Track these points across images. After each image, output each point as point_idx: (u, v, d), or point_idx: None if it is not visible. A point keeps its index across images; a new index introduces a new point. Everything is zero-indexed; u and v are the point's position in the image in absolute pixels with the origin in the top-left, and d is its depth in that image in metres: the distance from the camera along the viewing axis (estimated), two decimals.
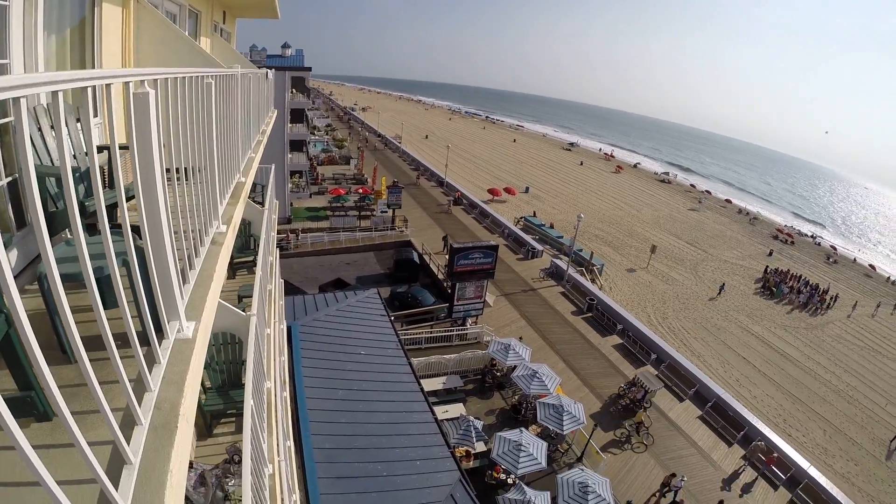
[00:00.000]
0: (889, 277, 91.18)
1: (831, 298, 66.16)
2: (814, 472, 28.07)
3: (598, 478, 20.61)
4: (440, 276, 40.86)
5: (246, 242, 11.94)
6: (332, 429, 13.69)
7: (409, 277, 41.70)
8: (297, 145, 56.09)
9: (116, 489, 1.75)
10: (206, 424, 7.77)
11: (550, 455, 23.70)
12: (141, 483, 1.92)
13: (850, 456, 34.64)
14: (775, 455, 26.07)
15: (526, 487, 19.17)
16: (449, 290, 33.70)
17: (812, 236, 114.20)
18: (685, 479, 23.64)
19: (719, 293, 59.93)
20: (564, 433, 23.50)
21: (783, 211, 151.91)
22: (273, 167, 12.49)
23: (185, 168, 3.39)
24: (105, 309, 1.89)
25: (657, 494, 23.64)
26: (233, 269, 11.60)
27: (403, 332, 30.07)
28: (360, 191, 61.12)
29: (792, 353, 49.15)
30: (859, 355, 53.26)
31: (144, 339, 2.40)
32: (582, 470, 20.84)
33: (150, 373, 2.36)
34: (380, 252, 46.88)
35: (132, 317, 2.15)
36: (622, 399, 30.11)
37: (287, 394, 10.81)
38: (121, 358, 1.93)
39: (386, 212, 54.33)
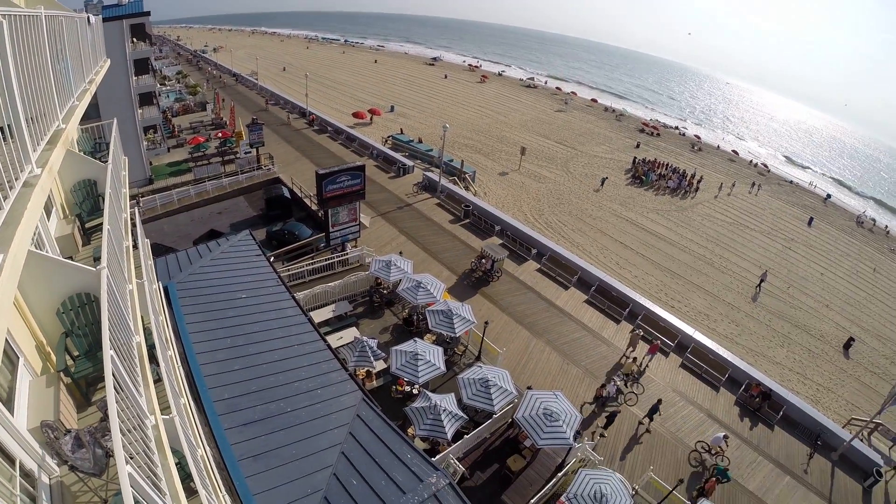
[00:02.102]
0: (751, 160, 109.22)
1: (698, 182, 77.48)
2: (699, 337, 33.50)
3: (498, 371, 22.95)
4: (314, 207, 42.23)
5: (95, 204, 12.05)
6: (227, 378, 14.50)
7: (282, 214, 44.15)
8: (147, 98, 55.74)
9: None
10: (82, 392, 7.92)
11: (449, 359, 26.19)
12: None
13: (731, 319, 41.98)
14: (657, 342, 30.49)
15: (430, 394, 20.91)
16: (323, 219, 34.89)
17: (677, 128, 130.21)
18: (616, 381, 26.84)
19: (602, 185, 68.77)
20: (457, 335, 25.53)
21: (649, 106, 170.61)
22: (115, 121, 12.86)
23: None
24: None
25: (595, 409, 26.61)
26: (86, 234, 11.80)
27: (286, 268, 31.10)
28: (220, 135, 62.89)
29: (666, 234, 57.06)
30: (728, 230, 63.38)
31: None
32: (481, 367, 23.00)
33: None
34: (250, 195, 49.19)
35: None
36: (475, 273, 35.75)
37: (172, 352, 11.40)
38: None
39: (249, 152, 55.23)
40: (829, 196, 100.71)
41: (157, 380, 8.66)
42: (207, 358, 14.83)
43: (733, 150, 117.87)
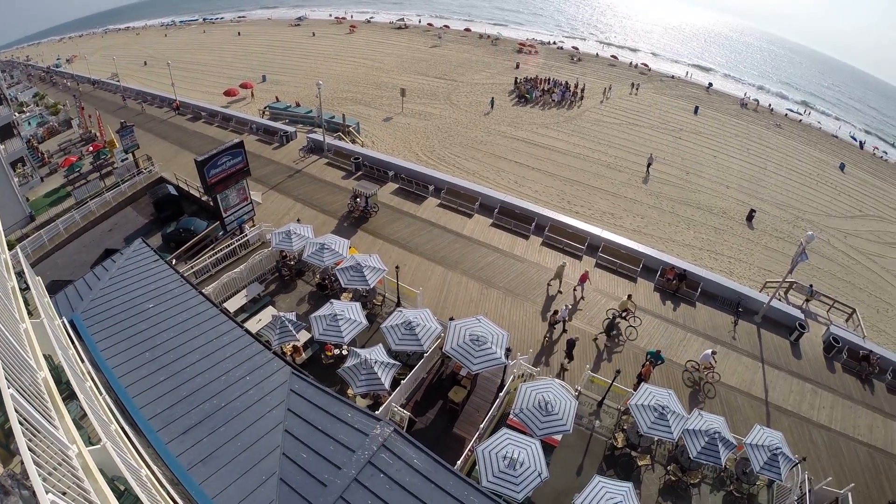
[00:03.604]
0: (630, 62, 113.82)
1: (582, 91, 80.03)
2: (607, 235, 34.95)
3: (419, 311, 23.25)
4: (204, 197, 40.90)
5: None
6: (156, 392, 14.51)
7: (174, 213, 42.97)
8: (6, 131, 53.17)
9: None
10: (2, 445, 7.49)
11: (370, 312, 26.72)
12: None
13: (635, 212, 43.99)
14: (586, 271, 30.51)
15: (358, 350, 21.10)
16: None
17: (553, 42, 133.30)
18: (567, 307, 27.29)
19: (492, 107, 71.05)
20: (372, 286, 25.79)
21: (525, 26, 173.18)
22: None
23: None
24: None
25: (548, 335, 27.24)
26: None
27: (189, 267, 29.98)
28: (92, 149, 60.14)
29: (558, 145, 58.92)
30: (619, 130, 66.04)
31: None
32: (401, 311, 23.21)
33: None
34: (137, 203, 47.03)
35: None
36: (352, 213, 37.25)
37: (91, 383, 11.63)
38: None
39: (126, 159, 52.28)
40: (710, 84, 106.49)
41: (84, 415, 8.93)
42: (131, 378, 14.85)
43: (612, 56, 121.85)
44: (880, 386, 28.18)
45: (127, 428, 11.75)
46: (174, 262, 28.74)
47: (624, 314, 27.73)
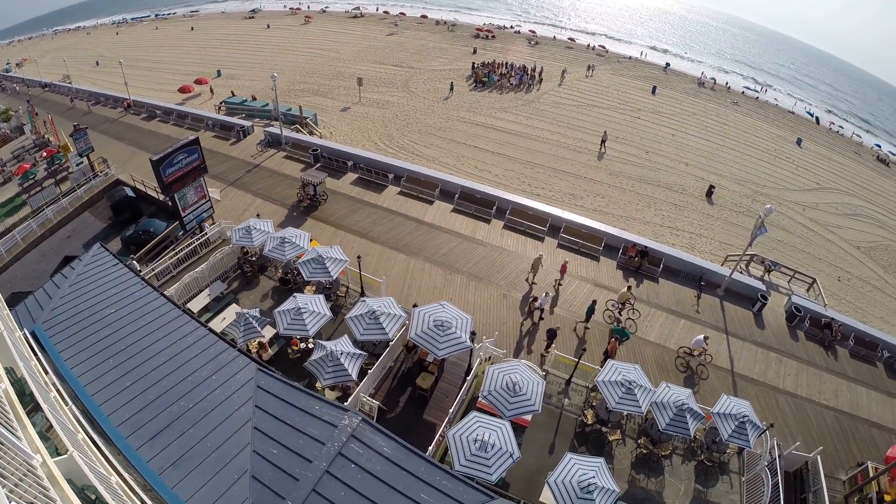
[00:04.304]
0: (588, 44, 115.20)
1: (539, 74, 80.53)
2: (568, 216, 35.29)
3: (382, 300, 23.29)
4: (162, 198, 40.07)
5: None
6: (123, 398, 14.47)
7: (132, 216, 42.01)
8: None
9: None
10: None
11: (335, 303, 26.72)
12: None
13: (596, 192, 44.58)
14: (566, 262, 30.26)
15: (324, 343, 21.01)
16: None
17: (511, 27, 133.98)
18: (546, 294, 27.36)
19: (451, 91, 71.47)
20: (334, 277, 25.76)
21: (481, 11, 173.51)
22: None
23: None
24: None
25: (530, 317, 27.48)
26: None
27: (150, 269, 29.44)
28: (45, 155, 58.46)
29: (518, 129, 59.21)
30: (578, 112, 66.62)
31: None
32: (365, 301, 23.18)
33: None
34: (94, 207, 45.77)
35: None
36: (302, 202, 37.41)
37: (56, 394, 11.65)
38: None
39: (81, 163, 50.68)
40: (668, 65, 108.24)
41: (50, 426, 9.10)
42: (97, 386, 14.85)
43: (569, 38, 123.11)
44: (843, 352, 29.13)
45: (95, 436, 11.79)
46: (134, 264, 28.22)
47: (622, 306, 27.97)
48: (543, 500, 18.19)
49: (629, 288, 28.34)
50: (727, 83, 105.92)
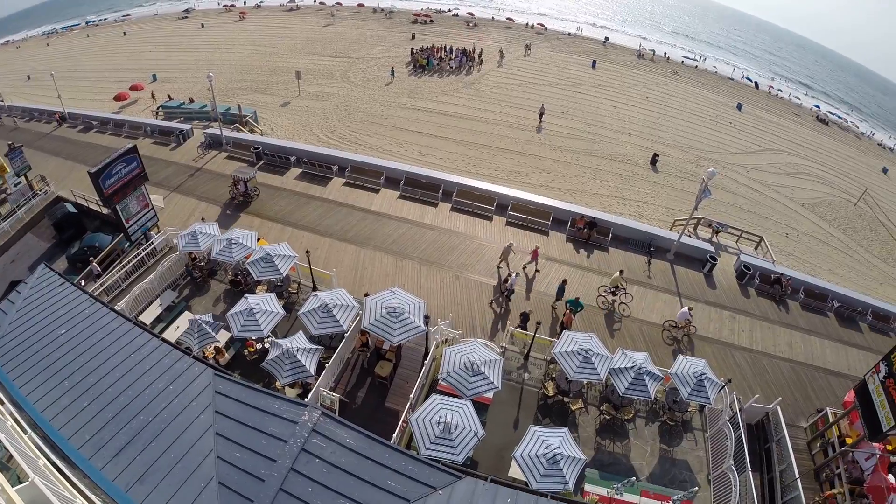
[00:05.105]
0: (527, 23, 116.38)
1: (479, 55, 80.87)
2: (514, 193, 35.57)
3: (334, 292, 23.21)
4: (104, 210, 38.97)
5: None
6: (81, 419, 14.33)
7: (77, 232, 40.84)
8: None
9: None
10: None
11: (287, 301, 26.83)
12: None
13: (541, 168, 45.12)
14: (537, 247, 29.89)
15: (279, 340, 21.19)
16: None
17: (449, 10, 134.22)
18: (517, 274, 27.79)
19: (392, 76, 71.98)
20: (284, 275, 25.66)
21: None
22: None
23: None
24: None
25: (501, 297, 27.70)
26: None
27: (100, 284, 28.69)
28: None
29: (459, 111, 59.55)
30: (519, 91, 67.24)
31: None
32: (317, 295, 23.07)
33: None
34: (37, 227, 44.31)
35: None
36: (234, 200, 37.02)
37: (13, 422, 12.12)
38: None
39: (19, 182, 48.70)
40: (607, 39, 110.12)
41: (10, 456, 9.23)
42: (54, 409, 14.70)
43: (508, 18, 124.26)
44: (794, 305, 30.21)
45: (58, 461, 12.01)
46: (83, 282, 27.43)
47: (615, 290, 28.07)
48: (512, 474, 18.28)
49: (621, 272, 28.25)
50: (666, 53, 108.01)
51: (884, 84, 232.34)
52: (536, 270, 29.78)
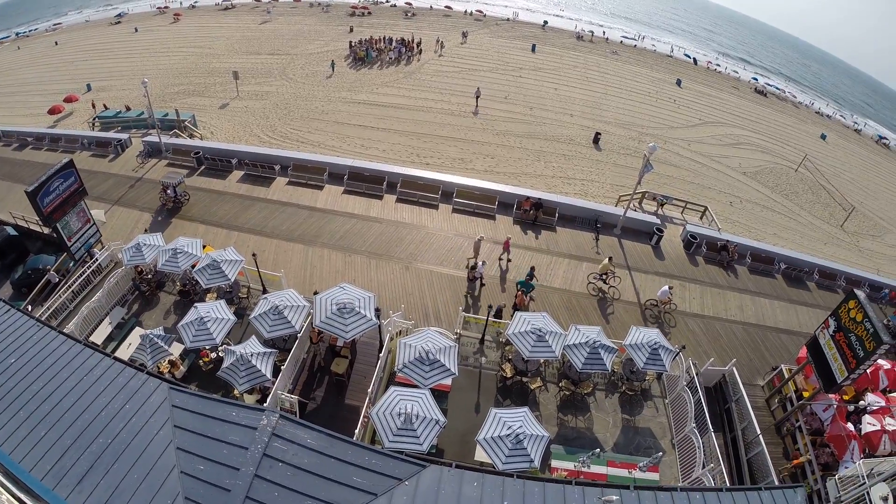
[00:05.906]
0: (465, 10, 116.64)
1: (418, 45, 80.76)
2: (459, 180, 35.74)
3: (283, 293, 23.11)
4: (46, 230, 37.28)
5: None
6: (40, 449, 14.21)
7: (19, 256, 38.75)
8: None
9: None
10: None
11: (238, 306, 26.48)
12: None
13: (485, 154, 45.47)
14: (509, 238, 29.91)
15: (232, 347, 21.11)
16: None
17: (387, 1, 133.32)
18: (484, 262, 27.83)
19: (333, 70, 71.39)
20: (233, 280, 25.37)
21: None
22: None
23: None
24: None
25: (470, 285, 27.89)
26: None
27: (47, 307, 27.60)
28: None
29: (400, 102, 59.54)
30: (460, 78, 67.47)
31: None
32: (266, 298, 22.91)
33: None
34: None
35: None
36: (166, 205, 36.31)
37: None
38: None
39: None
40: (546, 22, 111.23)
41: None
42: (12, 442, 14.56)
43: (446, 6, 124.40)
44: (742, 270, 31.22)
45: (21, 494, 12.27)
46: (29, 307, 26.36)
47: (605, 276, 28.20)
48: (478, 458, 18.47)
49: (610, 259, 28.39)
50: (605, 34, 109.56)
51: (821, 55, 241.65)
52: (509, 260, 29.90)
